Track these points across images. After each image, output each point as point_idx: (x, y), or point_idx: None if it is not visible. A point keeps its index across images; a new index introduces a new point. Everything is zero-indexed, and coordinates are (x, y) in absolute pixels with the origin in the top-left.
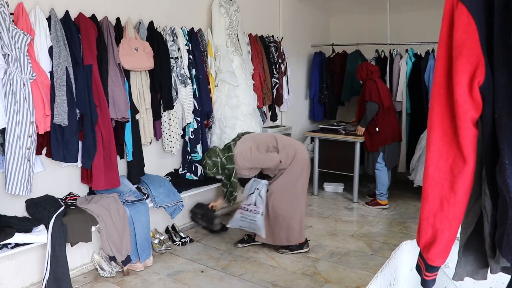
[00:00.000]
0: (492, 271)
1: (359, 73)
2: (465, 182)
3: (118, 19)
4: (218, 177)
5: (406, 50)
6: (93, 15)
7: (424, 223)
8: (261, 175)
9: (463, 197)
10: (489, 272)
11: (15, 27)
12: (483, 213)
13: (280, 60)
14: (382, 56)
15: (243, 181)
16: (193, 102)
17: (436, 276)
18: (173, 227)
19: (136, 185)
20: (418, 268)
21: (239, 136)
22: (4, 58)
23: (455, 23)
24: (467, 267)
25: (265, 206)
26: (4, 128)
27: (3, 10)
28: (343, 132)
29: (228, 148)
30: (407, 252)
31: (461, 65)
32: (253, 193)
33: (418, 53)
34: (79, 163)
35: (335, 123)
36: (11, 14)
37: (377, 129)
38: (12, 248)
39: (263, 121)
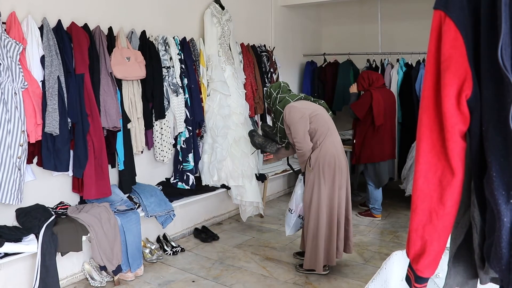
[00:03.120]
0: (481, 281)
1: (360, 84)
2: (453, 194)
3: (110, 29)
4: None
5: (397, 60)
6: (86, 25)
7: (414, 235)
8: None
9: (451, 209)
10: (478, 282)
11: (7, 36)
12: (472, 224)
13: (272, 70)
14: (374, 65)
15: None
16: (185, 111)
17: (425, 287)
18: (164, 236)
19: (127, 194)
20: (407, 279)
21: (317, 101)
22: None
23: (443, 38)
24: (457, 278)
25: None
26: None
27: None
28: None
29: (293, 96)
30: (398, 262)
31: (449, 79)
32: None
33: (409, 62)
34: (70, 172)
35: None
36: (3, 23)
37: (354, 141)
38: (1, 257)
39: None
